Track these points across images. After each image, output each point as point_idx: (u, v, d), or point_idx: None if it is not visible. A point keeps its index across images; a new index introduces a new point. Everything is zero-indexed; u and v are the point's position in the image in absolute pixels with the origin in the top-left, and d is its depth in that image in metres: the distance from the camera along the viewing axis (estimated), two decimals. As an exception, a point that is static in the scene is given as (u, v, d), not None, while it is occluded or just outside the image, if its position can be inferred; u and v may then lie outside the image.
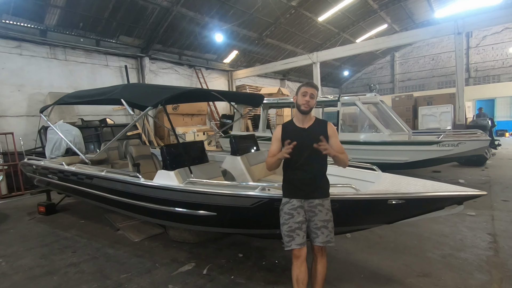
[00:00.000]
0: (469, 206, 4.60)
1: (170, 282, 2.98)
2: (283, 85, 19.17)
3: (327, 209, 2.27)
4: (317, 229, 2.23)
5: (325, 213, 2.25)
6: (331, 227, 2.27)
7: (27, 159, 5.71)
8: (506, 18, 9.28)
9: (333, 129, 2.36)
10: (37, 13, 8.50)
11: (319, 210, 2.24)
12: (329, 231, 2.25)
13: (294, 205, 2.25)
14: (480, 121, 9.71)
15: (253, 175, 4.41)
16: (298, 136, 2.25)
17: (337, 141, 2.34)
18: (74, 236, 4.36)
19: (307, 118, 2.35)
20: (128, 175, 3.66)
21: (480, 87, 18.50)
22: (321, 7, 14.25)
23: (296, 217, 2.23)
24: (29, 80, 8.80)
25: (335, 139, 2.33)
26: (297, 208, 2.24)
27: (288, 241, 2.21)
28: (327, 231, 2.24)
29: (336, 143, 2.32)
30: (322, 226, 2.23)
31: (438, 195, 2.32)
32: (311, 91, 2.29)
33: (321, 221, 2.23)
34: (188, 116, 12.53)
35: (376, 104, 7.53)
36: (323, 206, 2.26)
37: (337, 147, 2.29)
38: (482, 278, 2.81)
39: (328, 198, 2.32)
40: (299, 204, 2.25)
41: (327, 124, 2.37)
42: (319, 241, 2.23)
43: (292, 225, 2.22)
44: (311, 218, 2.25)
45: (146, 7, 10.19)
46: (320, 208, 2.25)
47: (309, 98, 2.28)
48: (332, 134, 2.34)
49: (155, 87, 4.12)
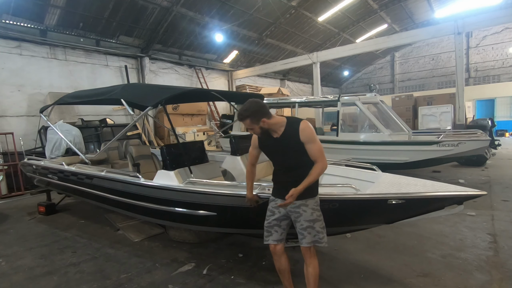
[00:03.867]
0: (469, 206, 4.60)
1: (170, 282, 2.98)
2: (283, 85, 19.17)
3: (312, 208, 2.19)
4: (303, 229, 2.19)
5: (310, 213, 2.18)
6: (319, 227, 2.20)
7: (27, 159, 5.72)
8: (506, 18, 9.28)
9: (306, 134, 2.12)
10: (37, 13, 8.50)
11: (303, 210, 2.19)
12: (317, 231, 2.18)
13: (277, 204, 2.28)
14: (480, 121, 9.70)
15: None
16: (271, 145, 2.29)
17: (312, 146, 2.12)
18: (74, 236, 4.36)
19: (276, 127, 2.20)
20: (128, 175, 3.66)
21: (480, 87, 18.50)
22: (321, 7, 14.25)
23: (277, 215, 2.29)
24: (29, 80, 8.80)
25: (310, 145, 2.12)
26: (280, 207, 2.26)
27: (266, 235, 2.32)
28: (314, 231, 2.18)
29: (312, 149, 2.12)
30: (308, 226, 2.18)
31: (438, 195, 2.32)
32: (245, 125, 2.23)
33: (306, 221, 2.18)
34: (188, 116, 12.53)
35: (376, 104, 7.53)
36: (307, 206, 2.19)
37: (313, 151, 2.12)
38: (482, 278, 2.81)
39: (313, 198, 2.22)
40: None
41: (299, 128, 2.12)
42: (305, 242, 2.20)
43: (272, 222, 2.30)
44: (297, 219, 2.22)
45: (146, 7, 10.19)
46: (304, 208, 2.19)
47: (250, 129, 2.23)
48: (306, 139, 2.12)
49: (155, 87, 4.13)
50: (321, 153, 2.14)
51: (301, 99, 8.60)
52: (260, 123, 2.16)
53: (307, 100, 8.43)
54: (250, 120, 2.16)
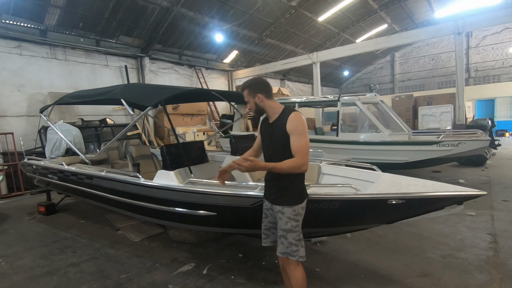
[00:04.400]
0: (469, 206, 4.60)
1: (170, 282, 2.97)
2: (283, 85, 19.17)
3: (287, 217, 2.05)
4: (278, 237, 2.12)
5: (284, 222, 2.06)
6: (293, 239, 2.04)
7: (27, 159, 5.71)
8: (506, 18, 9.28)
9: (293, 124, 1.99)
10: (37, 13, 8.50)
11: (279, 217, 2.10)
12: (289, 243, 2.03)
13: (266, 206, 2.26)
14: (480, 121, 9.71)
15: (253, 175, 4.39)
16: (266, 132, 2.20)
17: (296, 139, 1.98)
18: (74, 236, 4.36)
19: (271, 111, 2.13)
20: (128, 175, 3.66)
21: (480, 87, 18.50)
22: (321, 7, 14.26)
23: (270, 218, 2.25)
24: (29, 80, 8.80)
25: (294, 137, 1.98)
26: (268, 209, 2.24)
27: (264, 238, 2.31)
28: (287, 242, 2.04)
29: (294, 142, 1.99)
30: (281, 235, 2.08)
31: (438, 195, 2.32)
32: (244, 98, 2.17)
33: (281, 230, 2.09)
34: (188, 116, 12.53)
35: (376, 104, 7.53)
36: (283, 214, 2.07)
37: (295, 145, 1.98)
38: (482, 278, 2.81)
39: (291, 207, 2.06)
40: (269, 207, 2.22)
41: (289, 117, 2.01)
42: (278, 251, 2.13)
43: (267, 224, 2.28)
44: (277, 224, 2.15)
45: (146, 7, 10.19)
46: (280, 215, 2.09)
47: (247, 102, 2.16)
48: (291, 130, 1.99)
49: (155, 87, 4.12)
50: (302, 150, 1.97)
51: (301, 99, 8.60)
52: (256, 98, 2.11)
53: (307, 100, 8.43)
54: (247, 91, 2.13)
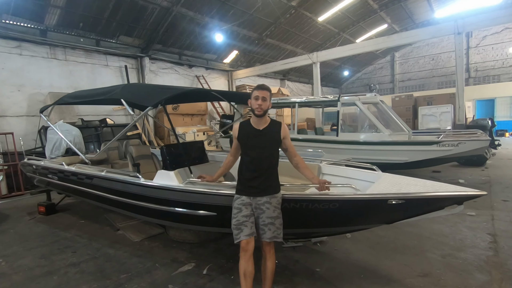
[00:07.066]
0: (469, 206, 4.60)
1: (170, 282, 2.98)
2: (283, 85, 19.17)
3: (274, 206, 2.36)
4: (264, 225, 2.33)
5: (272, 210, 2.34)
6: (279, 224, 2.36)
7: (27, 159, 5.71)
8: (506, 18, 9.28)
9: (286, 131, 2.48)
10: (37, 13, 8.50)
11: (266, 207, 2.33)
12: (276, 228, 2.34)
13: (243, 201, 2.38)
14: (480, 121, 9.71)
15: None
16: (252, 137, 2.41)
17: (290, 142, 2.52)
18: (74, 236, 4.36)
19: (262, 121, 2.43)
20: (128, 175, 3.66)
21: (480, 87, 18.48)
22: (321, 7, 14.25)
23: (244, 211, 2.35)
24: (29, 80, 8.80)
25: (288, 141, 2.50)
26: (246, 204, 2.37)
27: (237, 233, 2.32)
28: (274, 227, 2.32)
29: (290, 144, 2.52)
30: (269, 223, 2.32)
31: (438, 195, 2.32)
32: (262, 95, 2.36)
33: (268, 218, 2.33)
34: (188, 116, 12.53)
35: (376, 104, 7.53)
36: (270, 203, 2.34)
37: (292, 146, 2.53)
38: (482, 278, 2.81)
39: (276, 195, 2.40)
40: (248, 201, 2.38)
41: (281, 126, 2.47)
42: (266, 237, 2.33)
43: (240, 218, 2.33)
44: (259, 215, 2.35)
45: (146, 7, 10.19)
46: (267, 205, 2.34)
47: (261, 102, 2.35)
48: (285, 136, 2.47)
49: (155, 87, 4.12)
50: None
51: (301, 99, 8.60)
52: (269, 103, 2.43)
53: (307, 100, 8.43)
54: (270, 94, 2.43)
